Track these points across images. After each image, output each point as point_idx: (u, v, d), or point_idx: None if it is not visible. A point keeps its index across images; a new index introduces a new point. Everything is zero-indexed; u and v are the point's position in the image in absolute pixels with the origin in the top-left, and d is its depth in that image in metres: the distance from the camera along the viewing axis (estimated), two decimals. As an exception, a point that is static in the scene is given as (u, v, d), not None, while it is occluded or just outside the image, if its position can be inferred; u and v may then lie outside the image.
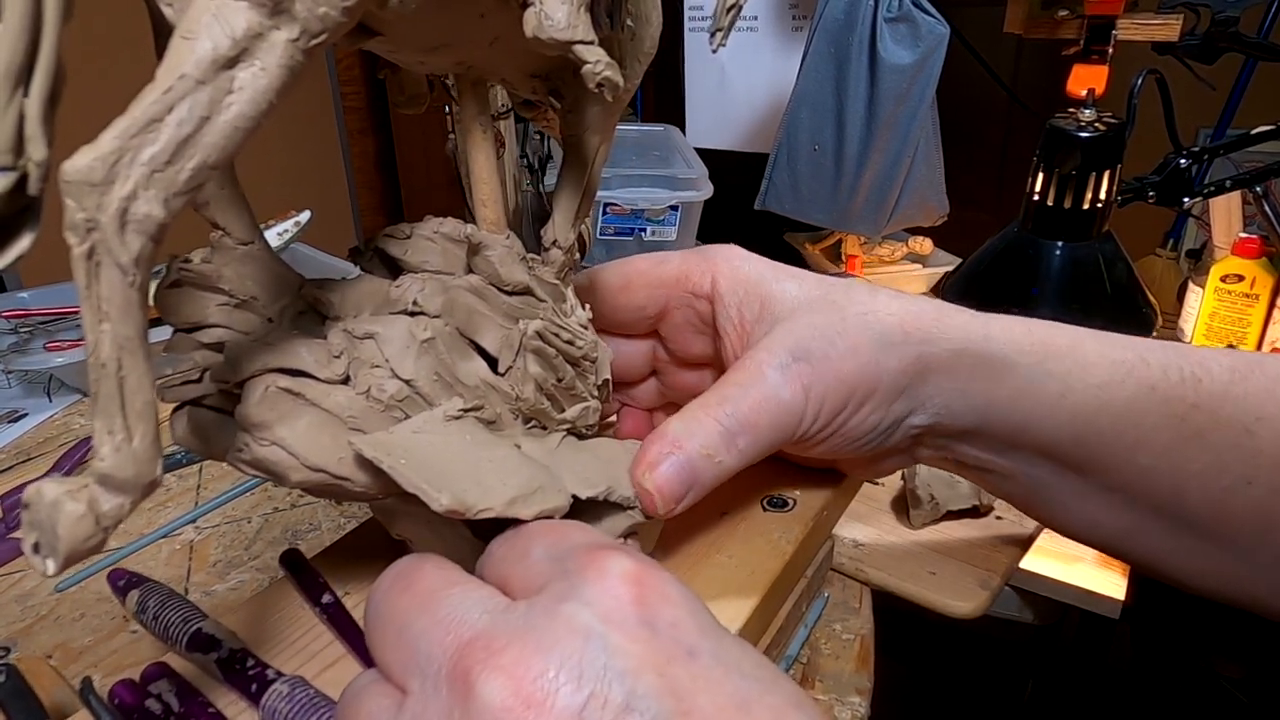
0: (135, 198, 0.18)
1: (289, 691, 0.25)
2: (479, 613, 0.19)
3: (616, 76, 0.24)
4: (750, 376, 0.29)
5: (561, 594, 0.19)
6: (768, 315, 0.31)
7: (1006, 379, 0.29)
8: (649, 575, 0.20)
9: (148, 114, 0.18)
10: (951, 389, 0.30)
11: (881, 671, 0.37)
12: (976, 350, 0.29)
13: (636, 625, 0.19)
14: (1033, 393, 0.29)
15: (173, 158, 0.19)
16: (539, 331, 0.28)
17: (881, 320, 0.30)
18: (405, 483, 0.23)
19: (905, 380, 0.29)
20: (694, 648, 0.19)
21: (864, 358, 0.29)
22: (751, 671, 0.19)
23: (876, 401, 0.30)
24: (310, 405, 0.26)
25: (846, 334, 0.29)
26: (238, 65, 0.19)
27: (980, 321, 0.30)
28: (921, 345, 0.29)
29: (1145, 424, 0.28)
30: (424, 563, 0.22)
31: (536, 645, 0.18)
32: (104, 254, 0.18)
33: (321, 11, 0.20)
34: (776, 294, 0.31)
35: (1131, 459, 0.29)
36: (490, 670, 0.18)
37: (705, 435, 0.28)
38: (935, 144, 1.07)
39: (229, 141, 0.19)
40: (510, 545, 0.23)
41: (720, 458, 0.28)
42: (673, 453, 0.27)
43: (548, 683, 0.17)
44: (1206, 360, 0.29)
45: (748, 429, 0.28)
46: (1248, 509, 0.28)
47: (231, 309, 0.27)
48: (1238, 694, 0.95)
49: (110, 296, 0.19)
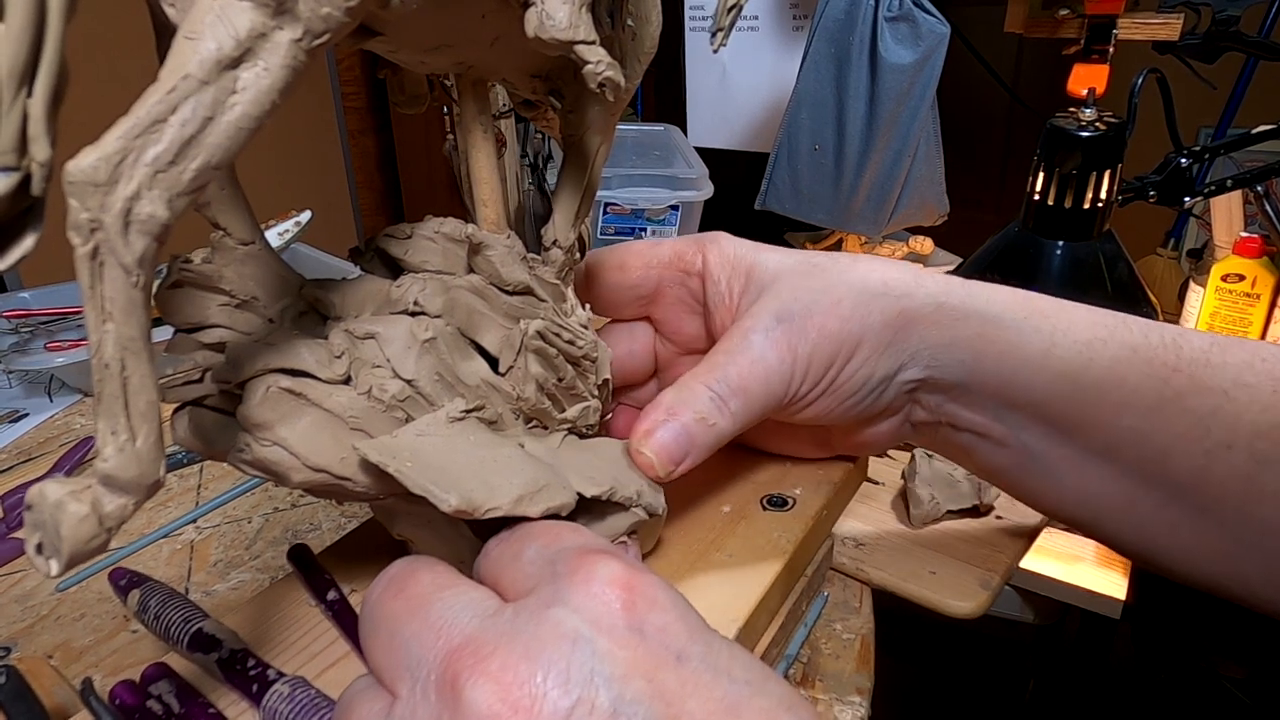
0: (139, 198, 0.18)
1: (290, 692, 0.25)
2: (468, 617, 0.20)
3: (618, 76, 0.24)
4: (737, 344, 0.30)
5: (550, 599, 0.19)
6: (754, 286, 0.32)
7: (991, 333, 0.30)
8: (638, 580, 0.20)
9: (152, 114, 0.18)
10: (937, 341, 0.31)
11: (882, 671, 0.37)
12: (958, 304, 0.31)
13: (625, 630, 0.19)
14: (1020, 346, 0.30)
15: (176, 158, 0.19)
16: (540, 331, 0.28)
17: (863, 277, 0.31)
18: (413, 485, 0.23)
19: (889, 333, 0.30)
20: (683, 652, 0.19)
21: (845, 312, 0.30)
22: (742, 675, 0.19)
23: (864, 355, 0.30)
24: (312, 405, 0.26)
25: (828, 291, 0.30)
26: (241, 65, 0.19)
27: (960, 280, 0.31)
28: (902, 299, 0.30)
29: (1128, 384, 0.29)
30: (417, 566, 0.22)
31: (524, 651, 0.18)
32: (108, 254, 0.18)
33: (325, 12, 0.20)
34: (761, 264, 0.32)
35: (1116, 420, 0.30)
36: (478, 676, 0.18)
37: (698, 402, 0.29)
38: (936, 143, 1.07)
39: (233, 141, 0.19)
40: (504, 546, 0.23)
41: (714, 421, 0.29)
42: (668, 420, 0.28)
43: (535, 688, 0.17)
44: (1186, 332, 0.30)
45: (738, 393, 0.29)
46: (1230, 475, 0.28)
47: (232, 309, 0.27)
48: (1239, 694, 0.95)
49: (114, 297, 0.19)
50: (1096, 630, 0.92)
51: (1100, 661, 0.94)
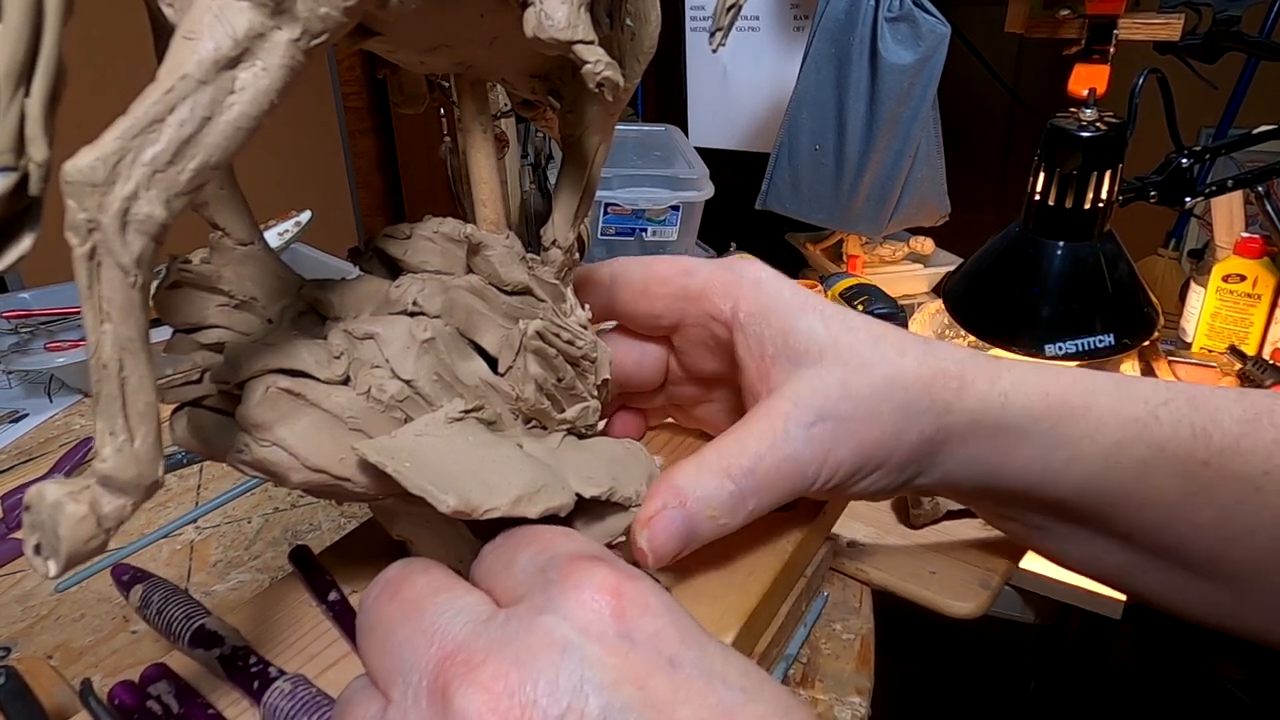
0: (137, 198, 0.18)
1: (291, 689, 0.25)
2: (461, 623, 0.20)
3: (617, 76, 0.24)
4: (774, 433, 0.28)
5: (541, 606, 0.19)
6: (790, 355, 0.30)
7: (1019, 448, 0.29)
8: (629, 586, 0.20)
9: (149, 114, 0.18)
10: (963, 457, 0.30)
11: (882, 671, 0.37)
12: (993, 420, 0.29)
13: (615, 637, 0.19)
14: (1041, 459, 0.29)
15: (174, 158, 0.19)
16: (539, 331, 0.28)
17: (907, 385, 0.29)
18: (411, 486, 0.23)
19: (921, 452, 0.29)
20: (675, 658, 0.19)
21: (886, 427, 0.28)
22: (736, 680, 0.19)
23: (889, 468, 0.29)
24: (311, 406, 0.26)
25: (873, 397, 0.29)
26: (239, 65, 0.19)
27: (1001, 386, 0.29)
28: (943, 415, 0.29)
29: (1153, 483, 0.28)
30: (413, 570, 0.22)
31: (514, 659, 0.18)
32: (105, 254, 0.18)
33: (323, 12, 0.20)
34: (802, 331, 0.29)
35: (1137, 514, 0.29)
36: (468, 685, 0.18)
37: (715, 499, 0.27)
38: (936, 144, 1.07)
39: (231, 141, 0.19)
40: (497, 553, 0.23)
41: (724, 521, 0.27)
42: (677, 510, 0.26)
43: (524, 697, 0.17)
44: (1218, 412, 0.28)
45: (761, 491, 0.27)
46: (1249, 556, 0.28)
47: (231, 310, 0.27)
48: (1239, 694, 0.95)
49: (112, 297, 0.19)
50: (1097, 630, 0.92)
51: (1100, 662, 0.94)
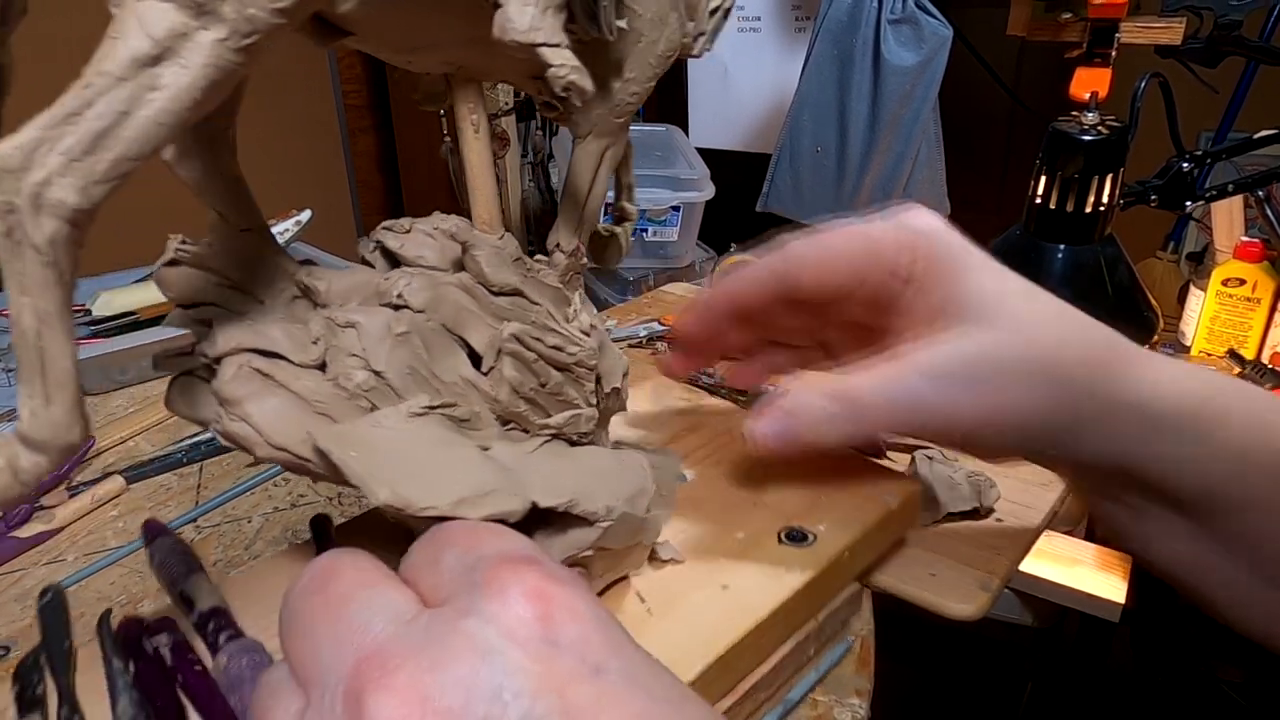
0: (49, 184, 0.20)
1: (238, 651, 0.26)
2: (382, 623, 0.19)
3: (584, 81, 0.23)
4: (892, 375, 0.30)
5: (465, 608, 0.19)
6: (948, 310, 0.31)
7: (1153, 441, 0.29)
8: (557, 590, 0.19)
9: (67, 108, 0.20)
10: (1096, 437, 0.30)
11: (882, 673, 0.37)
12: (1138, 409, 0.29)
13: (540, 643, 0.18)
14: (1172, 455, 0.29)
15: (90, 149, 0.20)
16: (515, 335, 0.28)
17: (1055, 360, 0.29)
18: (351, 475, 0.24)
19: (1055, 425, 0.30)
20: (600, 665, 0.18)
21: (1020, 395, 0.29)
22: (661, 693, 0.18)
23: (1018, 434, 0.30)
24: (279, 387, 0.27)
25: (1013, 365, 0.29)
26: (160, 63, 0.20)
27: (1150, 376, 0.29)
28: (1088, 398, 0.29)
29: (1270, 485, 0.29)
30: (341, 562, 0.21)
31: (432, 663, 0.18)
32: (21, 235, 0.20)
33: (249, 13, 0.21)
34: (965, 291, 0.31)
35: (1242, 515, 0.29)
36: (381, 690, 0.17)
37: (814, 411, 0.30)
38: (937, 146, 1.07)
39: (152, 134, 0.20)
40: (424, 548, 0.22)
41: (824, 429, 0.30)
42: (781, 411, 0.30)
43: (439, 704, 0.17)
44: None
45: (861, 420, 0.30)
46: None
47: (225, 289, 0.28)
48: (1237, 698, 0.95)
49: (28, 273, 0.20)
50: (1095, 633, 0.92)
51: (1099, 665, 0.94)
